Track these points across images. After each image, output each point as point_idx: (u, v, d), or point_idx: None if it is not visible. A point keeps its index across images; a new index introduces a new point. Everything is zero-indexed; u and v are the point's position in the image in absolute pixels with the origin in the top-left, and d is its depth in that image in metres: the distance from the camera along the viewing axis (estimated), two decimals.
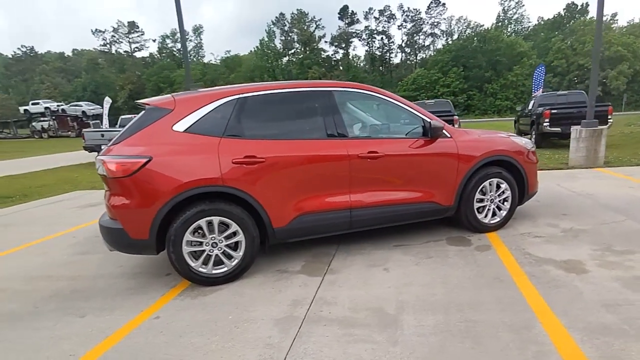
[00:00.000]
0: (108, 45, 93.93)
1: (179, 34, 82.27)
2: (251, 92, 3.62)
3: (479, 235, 4.18)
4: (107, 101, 23.48)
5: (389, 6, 63.26)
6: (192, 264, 3.35)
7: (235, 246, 3.47)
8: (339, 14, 62.69)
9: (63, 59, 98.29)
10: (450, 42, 59.38)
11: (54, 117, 39.10)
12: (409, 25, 64.27)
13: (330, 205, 3.66)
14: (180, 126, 3.38)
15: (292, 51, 62.43)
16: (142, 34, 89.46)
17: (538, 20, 66.34)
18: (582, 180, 6.61)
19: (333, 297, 3.08)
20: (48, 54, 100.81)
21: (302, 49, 61.56)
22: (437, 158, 3.94)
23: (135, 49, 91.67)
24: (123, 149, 3.30)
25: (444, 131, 3.96)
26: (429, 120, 3.89)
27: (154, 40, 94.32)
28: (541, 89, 17.59)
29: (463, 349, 2.31)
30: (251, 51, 66.03)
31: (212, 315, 2.94)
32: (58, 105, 41.28)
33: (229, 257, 3.46)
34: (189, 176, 3.26)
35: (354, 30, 63.10)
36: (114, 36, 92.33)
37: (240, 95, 3.57)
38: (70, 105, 41.51)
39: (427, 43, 65.85)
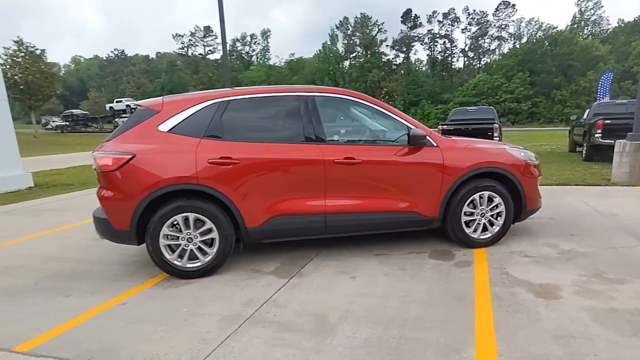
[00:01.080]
0: (185, 49, 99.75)
1: (248, 38, 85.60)
2: (233, 96, 3.70)
3: (466, 251, 3.93)
4: None
5: (454, 9, 60.78)
6: (168, 257, 3.49)
7: (211, 243, 3.57)
8: (402, 17, 61.63)
9: (147, 61, 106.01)
10: (518, 46, 56.02)
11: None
12: (473, 29, 61.61)
13: (305, 209, 3.64)
14: (165, 126, 3.54)
15: (354, 55, 62.31)
16: (215, 38, 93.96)
17: (618, 23, 60.50)
18: (616, 199, 5.95)
19: (286, 300, 3.06)
20: (136, 56, 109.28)
21: (364, 53, 61.21)
22: (419, 167, 3.76)
23: (209, 52, 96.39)
24: (113, 145, 3.52)
25: (429, 139, 3.78)
26: (411, 128, 3.73)
27: (226, 44, 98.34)
28: (607, 97, 16.10)
29: None
30: (316, 54, 66.86)
31: (170, 306, 3.05)
32: (137, 103, 44.83)
33: (204, 252, 3.56)
34: (167, 173, 3.41)
35: (416, 34, 61.66)
36: (191, 40, 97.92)
37: (223, 99, 3.67)
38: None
39: (492, 47, 62.76)
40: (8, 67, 44.24)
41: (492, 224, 3.98)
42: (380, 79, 51.57)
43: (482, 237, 3.97)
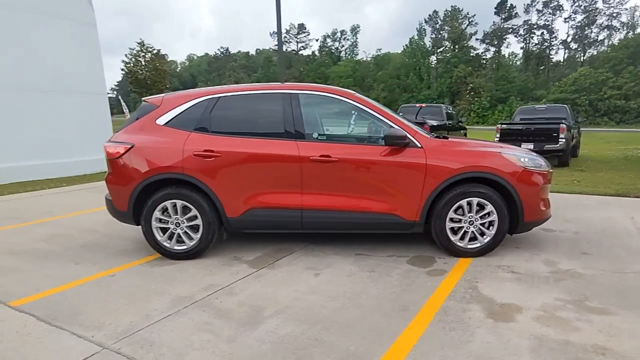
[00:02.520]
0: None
1: (339, 34, 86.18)
2: (223, 93, 3.84)
3: (450, 259, 3.63)
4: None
5: None
6: (159, 238, 3.77)
7: (197, 228, 3.76)
8: (495, 8, 56.93)
9: (247, 58, 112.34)
10: (631, 36, 48.68)
11: None
12: (579, 17, 54.76)
13: (281, 203, 3.66)
14: (162, 120, 3.80)
15: (441, 49, 59.34)
16: (308, 34, 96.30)
17: None
18: None
19: (241, 289, 3.14)
20: (238, 53, 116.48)
21: (451, 47, 57.99)
22: (399, 168, 3.55)
23: (301, 48, 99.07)
24: (120, 136, 3.88)
25: (412, 139, 3.54)
26: (392, 128, 3.53)
27: (317, 40, 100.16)
28: None
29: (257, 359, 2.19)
30: (403, 49, 65.05)
31: (145, 283, 3.30)
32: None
33: (190, 237, 3.77)
34: (157, 163, 3.67)
35: (509, 26, 56.55)
36: (286, 37, 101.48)
37: (214, 96, 3.82)
38: None
39: (600, 37, 55.27)
40: (132, 65, 50.02)
41: (482, 234, 3.62)
42: (466, 75, 48.53)
43: (469, 246, 3.64)
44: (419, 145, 3.56)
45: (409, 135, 3.55)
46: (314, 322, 2.60)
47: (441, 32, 59.47)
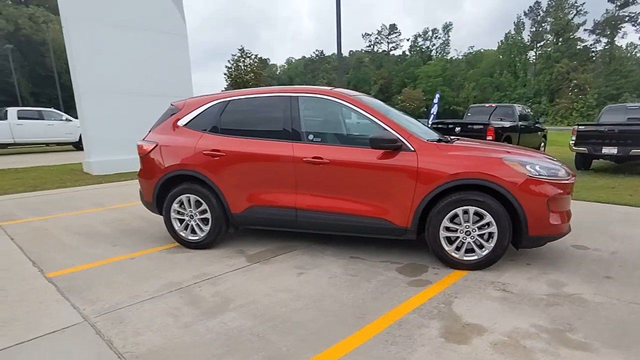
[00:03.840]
0: (372, 46, 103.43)
1: (430, 32, 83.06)
2: (235, 97, 4.02)
3: (443, 270, 3.37)
4: (438, 93, 23.43)
5: None
6: (176, 228, 4.11)
7: (207, 221, 4.02)
8: None
9: (341, 60, 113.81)
10: None
11: None
12: None
13: (278, 202, 3.73)
14: (182, 122, 4.13)
15: (541, 43, 53.66)
16: (399, 35, 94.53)
17: None
18: None
19: (225, 280, 3.29)
20: (332, 55, 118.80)
21: (554, 40, 52.08)
22: (389, 172, 3.38)
23: (392, 48, 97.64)
24: (150, 135, 4.30)
25: (406, 143, 3.35)
26: (382, 130, 3.37)
27: (408, 40, 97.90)
28: None
29: (194, 346, 2.28)
30: (498, 45, 60.34)
31: (154, 266, 3.62)
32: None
33: (201, 229, 4.04)
34: (174, 160, 3.99)
35: (626, 14, 48.84)
36: (377, 38, 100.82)
37: (226, 99, 4.03)
38: None
39: None
40: (233, 69, 54.20)
41: (482, 246, 3.29)
42: (569, 70, 43.27)
43: (466, 258, 3.33)
44: (412, 149, 3.35)
45: (401, 138, 3.37)
46: (267, 319, 2.64)
47: (543, 24, 53.77)
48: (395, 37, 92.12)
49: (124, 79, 10.37)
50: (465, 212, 3.25)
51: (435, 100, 22.66)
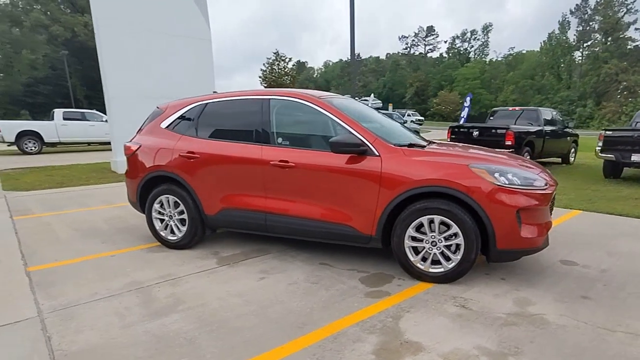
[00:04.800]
0: (408, 49, 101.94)
1: (468, 34, 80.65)
2: (212, 99, 4.02)
3: (408, 282, 3.18)
4: (469, 96, 23.30)
5: None
6: (157, 227, 4.16)
7: (184, 222, 4.04)
8: None
9: (377, 62, 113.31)
10: None
11: None
12: None
13: (248, 205, 3.68)
14: (164, 124, 4.18)
15: (588, 43, 50.51)
16: (436, 36, 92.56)
17: None
18: None
19: (186, 282, 3.27)
20: (369, 58, 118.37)
21: (602, 40, 48.87)
22: (353, 177, 3.23)
23: (429, 50, 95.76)
24: (136, 137, 4.39)
25: (371, 147, 3.20)
26: (343, 134, 3.24)
27: (445, 42, 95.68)
28: None
29: (124, 347, 2.26)
30: (540, 45, 57.49)
31: (127, 264, 3.67)
32: (355, 99, 48.77)
33: (179, 229, 4.07)
34: (155, 161, 4.05)
35: None
36: (414, 40, 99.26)
37: (204, 102, 4.03)
38: (361, 100, 48.28)
39: None
40: (267, 72, 55.16)
41: (448, 258, 3.07)
42: (619, 71, 40.42)
43: (431, 270, 3.12)
44: (377, 154, 3.19)
45: (366, 142, 3.21)
46: (208, 323, 2.59)
47: (590, 23, 50.60)
48: (432, 39, 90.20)
49: (150, 83, 10.73)
50: (431, 221, 3.05)
51: (467, 103, 21.90)
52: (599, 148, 8.23)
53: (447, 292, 2.97)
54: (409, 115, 38.23)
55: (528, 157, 9.49)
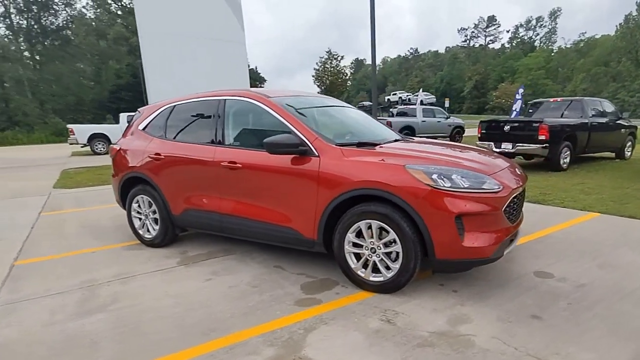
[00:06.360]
0: (468, 41, 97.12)
1: (534, 21, 74.71)
2: (179, 101, 4.03)
3: (348, 290, 2.92)
4: (521, 88, 21.16)
5: None
6: (136, 226, 4.28)
7: (157, 221, 4.10)
8: None
9: (436, 56, 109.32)
10: None
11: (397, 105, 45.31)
12: None
13: (207, 207, 3.64)
14: (140, 127, 4.28)
15: None
16: (498, 26, 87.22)
17: None
18: None
19: (136, 280, 3.28)
20: (428, 52, 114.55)
21: None
22: (293, 177, 3.04)
23: (489, 42, 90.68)
24: (119, 139, 4.55)
25: (311, 147, 2.98)
26: (281, 134, 3.05)
27: (508, 31, 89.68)
28: None
29: (32, 345, 2.29)
30: (616, 29, 51.57)
31: (97, 262, 3.78)
32: (407, 95, 47.19)
33: (153, 228, 4.14)
34: (130, 162, 4.16)
35: None
36: (474, 32, 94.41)
37: (172, 104, 4.06)
38: (414, 95, 46.58)
39: None
40: (320, 71, 55.45)
41: (388, 267, 2.78)
42: None
43: (372, 278, 2.84)
44: (316, 154, 2.97)
45: (306, 142, 3.01)
46: (125, 324, 2.57)
47: None
48: (494, 29, 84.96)
49: (188, 87, 11.15)
50: (369, 226, 2.78)
51: (518, 96, 20.25)
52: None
53: (382, 304, 2.68)
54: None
55: (568, 152, 8.50)
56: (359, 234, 2.85)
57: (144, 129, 4.23)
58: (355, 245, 2.88)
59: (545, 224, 4.34)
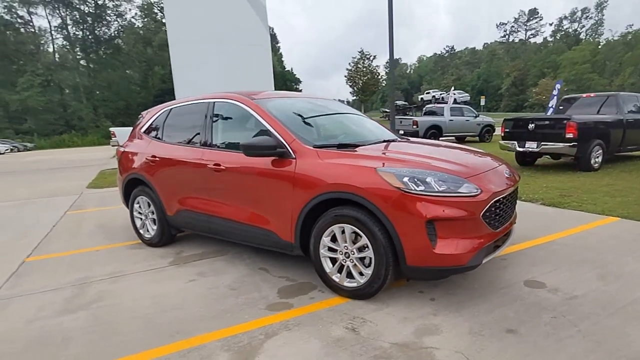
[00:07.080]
0: (507, 36, 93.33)
1: (579, 13, 70.43)
2: (175, 105, 4.09)
3: (324, 296, 2.82)
4: (559, 83, 19.85)
5: None
6: (137, 226, 4.39)
7: (155, 222, 4.18)
8: None
9: (473, 53, 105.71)
10: None
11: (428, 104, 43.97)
12: None
13: (198, 208, 3.65)
14: (142, 130, 4.39)
15: None
16: (540, 19, 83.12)
17: None
18: None
19: (126, 279, 3.35)
20: (464, 50, 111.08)
21: None
22: (270, 179, 2.98)
23: (530, 36, 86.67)
24: (126, 141, 4.68)
25: (289, 149, 2.91)
26: (262, 136, 2.99)
27: (550, 24, 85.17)
28: None
29: (7, 341, 2.37)
30: None
31: (97, 261, 3.89)
32: (440, 94, 45.80)
33: (152, 228, 4.23)
34: (130, 164, 4.28)
35: None
36: (513, 26, 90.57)
37: (168, 107, 4.12)
38: (447, 94, 45.11)
39: None
40: (353, 71, 55.01)
41: (361, 273, 2.65)
42: None
43: (346, 283, 2.72)
44: (293, 156, 2.89)
45: (284, 143, 2.93)
46: (100, 323, 2.61)
47: None
48: (536, 22, 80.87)
49: (212, 92, 11.45)
50: (342, 230, 2.66)
51: (555, 92, 19.09)
52: None
53: (353, 311, 2.56)
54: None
55: (600, 151, 7.87)
56: (334, 238, 2.75)
57: (145, 131, 4.33)
58: (330, 249, 2.78)
59: (553, 229, 4.01)
